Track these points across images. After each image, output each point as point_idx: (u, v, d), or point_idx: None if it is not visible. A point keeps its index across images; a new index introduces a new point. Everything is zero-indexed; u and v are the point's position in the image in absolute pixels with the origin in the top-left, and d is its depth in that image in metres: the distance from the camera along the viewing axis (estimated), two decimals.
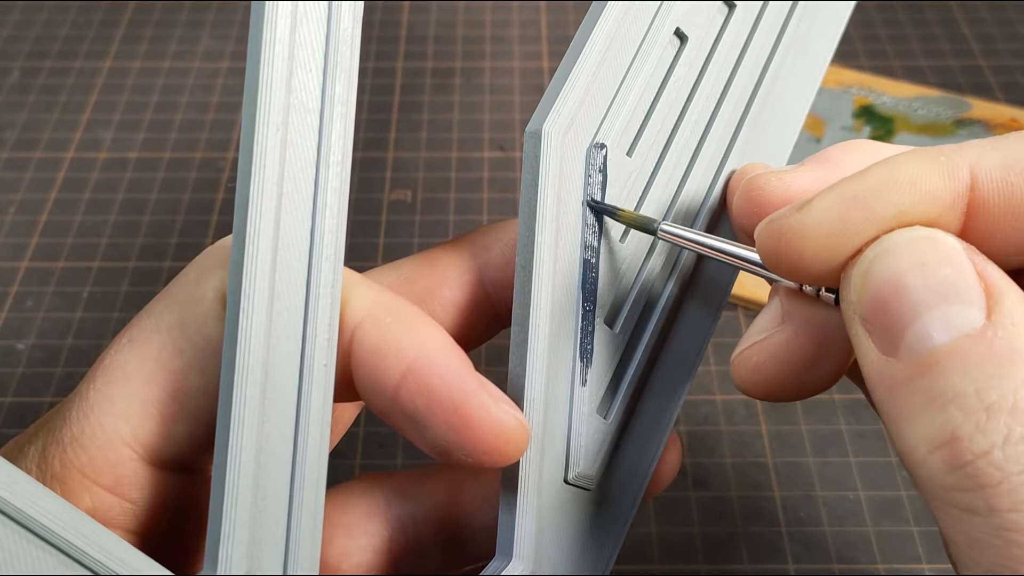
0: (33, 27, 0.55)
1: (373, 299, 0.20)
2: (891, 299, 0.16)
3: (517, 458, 0.20)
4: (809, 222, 0.17)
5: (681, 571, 0.32)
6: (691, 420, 0.36)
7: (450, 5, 0.56)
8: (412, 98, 0.50)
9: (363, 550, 0.24)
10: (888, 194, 0.17)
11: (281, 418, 0.19)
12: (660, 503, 0.34)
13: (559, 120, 0.21)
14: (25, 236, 0.43)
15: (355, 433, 0.36)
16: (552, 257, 0.21)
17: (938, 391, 0.15)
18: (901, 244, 0.16)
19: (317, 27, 0.19)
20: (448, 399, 0.19)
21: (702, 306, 0.24)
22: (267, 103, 0.18)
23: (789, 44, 0.25)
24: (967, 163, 0.17)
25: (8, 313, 0.40)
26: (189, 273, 0.21)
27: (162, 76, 0.52)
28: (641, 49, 0.23)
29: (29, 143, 0.48)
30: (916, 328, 0.16)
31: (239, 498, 0.18)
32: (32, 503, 0.17)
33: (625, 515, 0.23)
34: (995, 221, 0.17)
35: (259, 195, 0.18)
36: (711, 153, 0.24)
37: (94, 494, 0.20)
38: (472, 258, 0.24)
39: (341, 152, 0.19)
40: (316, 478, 0.19)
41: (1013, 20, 0.54)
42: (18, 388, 0.38)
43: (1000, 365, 0.15)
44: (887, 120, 0.47)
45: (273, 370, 0.19)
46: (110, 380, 0.20)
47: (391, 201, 0.45)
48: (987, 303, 0.15)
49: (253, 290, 0.18)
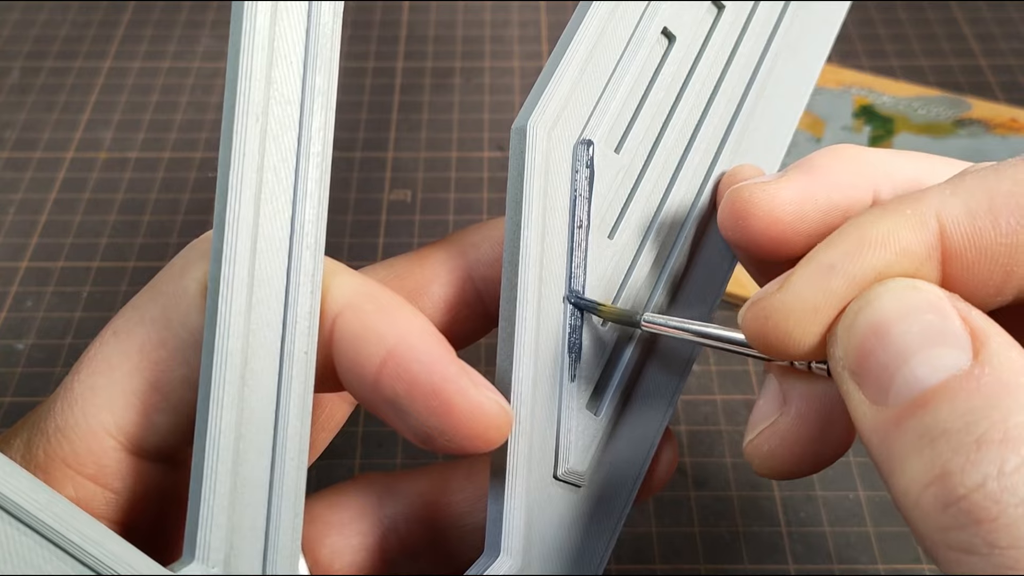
0: (33, 27, 0.55)
1: (354, 288, 0.20)
2: (877, 348, 0.16)
3: (499, 443, 0.20)
4: (792, 300, 0.17)
5: (681, 571, 0.32)
6: (691, 420, 0.36)
7: (450, 5, 0.56)
8: (412, 98, 0.50)
9: (355, 549, 0.24)
10: (864, 257, 0.17)
11: (261, 405, 0.19)
12: (660, 503, 0.34)
13: (545, 116, 0.21)
14: (25, 236, 0.43)
15: (354, 433, 0.36)
16: (538, 251, 0.21)
17: (926, 430, 0.15)
18: (883, 295, 0.17)
19: (297, 22, 0.19)
20: (428, 384, 0.19)
21: (695, 304, 0.24)
22: (246, 93, 0.19)
23: (780, 47, 0.25)
24: (933, 212, 0.17)
25: (8, 313, 0.40)
26: (174, 266, 0.21)
27: (162, 76, 0.52)
28: (628, 48, 0.23)
29: (29, 143, 0.48)
30: (904, 373, 0.15)
31: (218, 483, 0.18)
32: (3, 481, 0.17)
33: (618, 514, 0.23)
34: (969, 266, 0.17)
35: (238, 182, 0.19)
36: (701, 153, 0.24)
37: (77, 483, 0.20)
38: (462, 255, 0.24)
39: (322, 143, 0.20)
40: (296, 466, 0.19)
41: (1013, 20, 0.54)
42: (18, 388, 0.38)
43: (989, 398, 0.14)
44: (887, 120, 0.47)
45: (253, 356, 0.19)
46: (94, 371, 0.20)
47: (391, 201, 0.45)
48: (973, 345, 0.15)
49: (232, 276, 0.19)
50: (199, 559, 0.18)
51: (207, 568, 0.18)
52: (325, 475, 0.34)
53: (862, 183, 0.21)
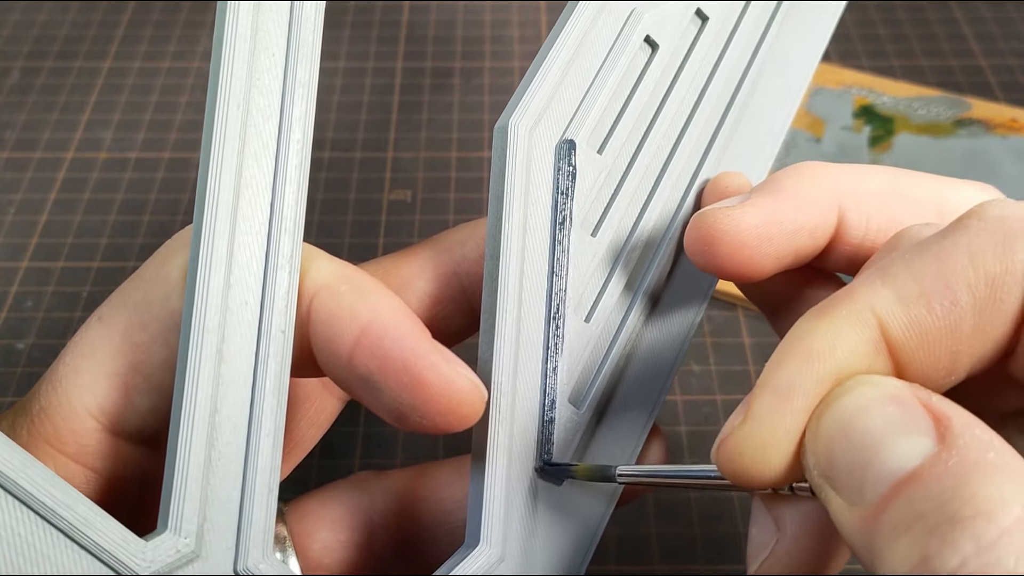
0: (33, 27, 0.55)
1: (331, 271, 0.21)
2: (845, 448, 0.16)
3: (473, 421, 0.20)
4: (759, 431, 0.17)
5: (681, 571, 0.32)
6: (691, 420, 0.36)
7: (450, 5, 0.56)
8: (412, 98, 0.50)
9: (345, 545, 0.24)
10: (815, 369, 0.17)
11: (237, 381, 0.19)
12: (660, 503, 0.34)
13: (526, 116, 0.22)
14: (25, 236, 0.43)
15: (354, 432, 0.36)
16: (519, 245, 0.22)
17: (901, 518, 0.15)
18: (842, 395, 0.16)
19: (279, 16, 0.20)
20: (400, 360, 0.19)
21: (684, 299, 0.24)
22: (228, 83, 0.19)
23: (767, 58, 0.26)
24: (868, 308, 0.17)
25: (8, 313, 0.40)
26: (158, 254, 0.22)
27: (162, 76, 0.52)
28: (611, 53, 0.23)
29: (29, 143, 0.48)
30: (875, 467, 0.15)
31: (191, 455, 0.19)
32: None
33: (603, 509, 0.23)
34: (915, 352, 0.17)
35: (218, 166, 0.19)
36: (686, 158, 0.24)
37: (58, 463, 0.20)
38: (448, 252, 0.24)
39: (302, 131, 0.20)
40: (272, 442, 0.20)
41: (1013, 20, 0.54)
42: (18, 388, 0.38)
43: (958, 477, 0.14)
44: (887, 120, 0.47)
45: (231, 333, 0.19)
46: (79, 355, 0.21)
47: (391, 201, 0.45)
48: (937, 429, 0.15)
49: (211, 254, 0.19)
50: (171, 529, 0.19)
51: (179, 538, 0.19)
52: (326, 475, 0.34)
53: (827, 201, 0.21)
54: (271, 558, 0.19)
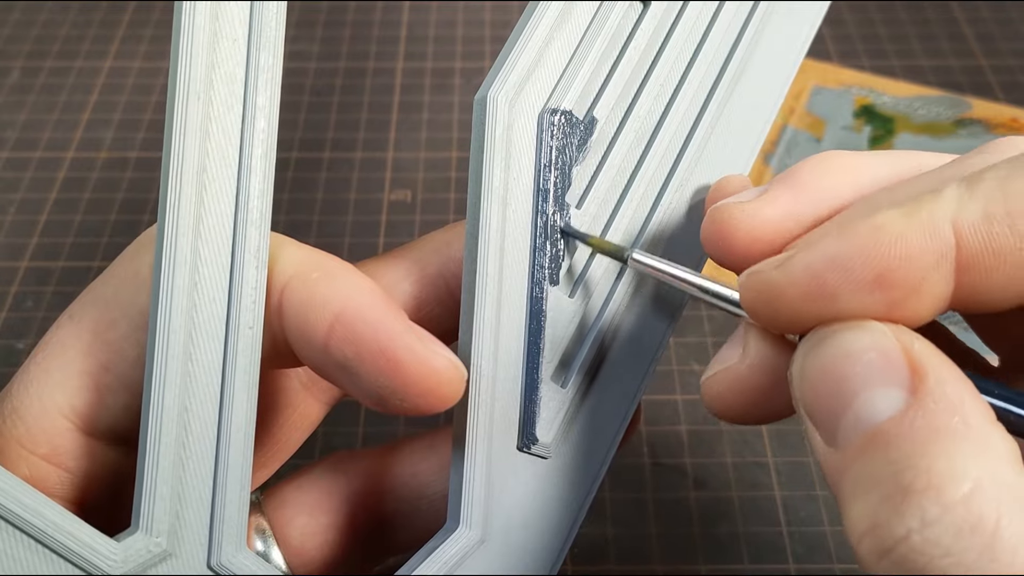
0: (33, 27, 0.55)
1: (301, 259, 0.20)
2: (823, 392, 0.16)
3: (454, 401, 0.20)
4: (786, 283, 0.17)
5: (681, 571, 0.32)
6: (691, 419, 0.36)
7: (450, 5, 0.56)
8: (412, 98, 0.50)
9: (326, 528, 0.24)
10: (867, 258, 0.16)
11: (206, 379, 0.19)
12: (660, 503, 0.34)
13: (506, 87, 0.21)
14: (25, 236, 0.43)
15: (354, 433, 0.36)
16: (499, 222, 0.21)
17: (863, 478, 0.15)
18: (826, 337, 0.16)
19: (239, 2, 0.20)
20: (375, 343, 0.19)
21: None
22: (187, 73, 0.19)
23: (767, 12, 0.25)
24: (948, 219, 0.16)
25: (8, 313, 0.40)
26: (128, 251, 0.21)
27: (162, 76, 0.52)
28: (598, 13, 0.22)
29: (29, 143, 0.48)
30: (848, 417, 0.15)
31: (161, 455, 0.19)
32: None
33: (587, 488, 0.23)
34: (987, 272, 0.16)
35: (179, 160, 0.19)
36: (677, 124, 0.24)
37: (31, 463, 0.20)
38: (434, 253, 0.24)
39: (266, 119, 0.20)
40: (243, 439, 0.20)
41: (1013, 20, 0.54)
42: None
43: (918, 444, 0.14)
44: (887, 120, 0.46)
45: (198, 332, 0.19)
46: (49, 354, 0.21)
47: (391, 201, 0.45)
48: (912, 381, 0.15)
49: (174, 251, 0.19)
50: (143, 529, 0.19)
51: (150, 538, 0.19)
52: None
53: (849, 193, 0.20)
54: (245, 552, 0.19)
